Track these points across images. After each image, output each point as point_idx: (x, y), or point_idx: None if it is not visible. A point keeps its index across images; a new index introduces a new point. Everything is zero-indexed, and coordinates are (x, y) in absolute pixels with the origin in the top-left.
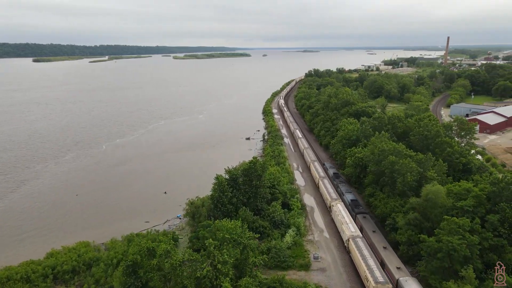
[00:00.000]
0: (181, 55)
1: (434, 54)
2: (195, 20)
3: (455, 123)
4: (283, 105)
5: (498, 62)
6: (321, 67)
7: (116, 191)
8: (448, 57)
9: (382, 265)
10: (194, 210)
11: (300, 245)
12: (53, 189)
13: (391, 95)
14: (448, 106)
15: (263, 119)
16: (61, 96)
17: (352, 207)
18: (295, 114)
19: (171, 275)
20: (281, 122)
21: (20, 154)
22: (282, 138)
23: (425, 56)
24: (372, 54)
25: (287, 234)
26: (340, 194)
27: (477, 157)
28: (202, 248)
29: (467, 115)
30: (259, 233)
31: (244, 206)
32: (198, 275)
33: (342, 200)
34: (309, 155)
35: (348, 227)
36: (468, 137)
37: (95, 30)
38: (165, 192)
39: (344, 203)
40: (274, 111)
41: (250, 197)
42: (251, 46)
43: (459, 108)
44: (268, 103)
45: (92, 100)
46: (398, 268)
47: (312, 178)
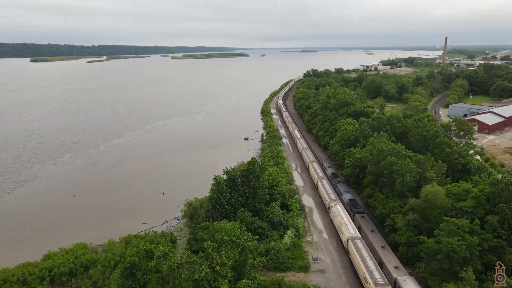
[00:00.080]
0: (179, 55)
1: (432, 54)
2: (195, 20)
3: (453, 123)
4: (282, 105)
5: (496, 62)
6: (320, 67)
7: (114, 192)
8: (446, 57)
9: (380, 264)
10: (192, 211)
11: (299, 246)
12: (50, 190)
13: (390, 95)
14: (447, 106)
15: (261, 119)
16: (58, 96)
17: (350, 207)
18: (294, 114)
19: (169, 277)
20: (280, 123)
21: (17, 155)
22: (281, 138)
23: (423, 56)
24: (370, 54)
25: (286, 235)
26: (339, 194)
27: (476, 158)
28: (200, 250)
29: (465, 115)
30: (257, 234)
31: (242, 207)
32: (197, 277)
33: (340, 200)
34: (308, 155)
35: (347, 228)
36: (467, 137)
37: (95, 30)
38: (163, 193)
39: (342, 202)
40: (273, 111)
41: (248, 198)
42: (249, 46)
43: (458, 108)
44: (267, 103)
45: (90, 100)
46: (396, 267)
47: (311, 178)
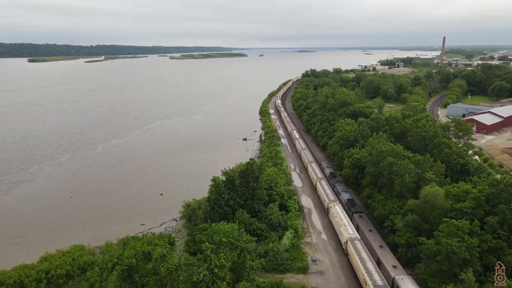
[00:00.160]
0: (178, 55)
1: (430, 54)
2: (194, 20)
3: (452, 123)
4: (280, 106)
5: (493, 62)
6: (318, 67)
7: (111, 192)
8: (444, 57)
9: (379, 263)
10: (191, 213)
11: (298, 248)
12: (48, 191)
13: (388, 95)
14: (445, 106)
15: (260, 119)
16: (56, 97)
17: (349, 207)
18: (292, 115)
19: (167, 279)
20: (278, 123)
21: (14, 156)
22: (279, 138)
23: (421, 56)
24: (368, 54)
25: (284, 236)
26: (337, 194)
27: (475, 158)
28: (198, 251)
29: (463, 115)
30: (256, 235)
31: (241, 208)
32: (195, 279)
33: (338, 200)
34: (307, 156)
35: (346, 229)
36: (465, 137)
37: (95, 30)
38: (161, 194)
39: (340, 202)
40: (271, 111)
41: (247, 199)
42: (248, 46)
43: (456, 108)
44: (265, 104)
45: (88, 101)
46: (394, 266)
47: (309, 179)
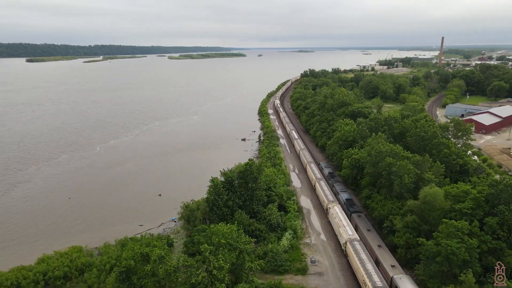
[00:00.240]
0: (176, 55)
1: (429, 54)
2: (194, 20)
3: (451, 124)
4: (279, 106)
5: (492, 62)
6: (317, 67)
7: (110, 193)
8: (443, 57)
9: (377, 263)
10: (189, 214)
11: (297, 249)
12: (46, 191)
13: (387, 95)
14: (444, 106)
15: (258, 119)
16: (54, 97)
17: (347, 206)
18: (291, 115)
19: (165, 281)
20: (277, 123)
21: (12, 156)
22: (278, 139)
23: (419, 56)
24: (367, 54)
25: (283, 237)
26: (335, 194)
27: (474, 158)
28: (197, 253)
29: (462, 115)
30: (255, 236)
31: (240, 209)
32: (193, 281)
33: (337, 199)
34: (306, 156)
35: (346, 230)
36: (464, 138)
37: (94, 30)
38: (160, 195)
39: (339, 202)
40: (270, 111)
41: (246, 199)
42: (246, 46)
43: (455, 109)
44: (264, 104)
45: (86, 101)
46: (392, 266)
47: (308, 179)
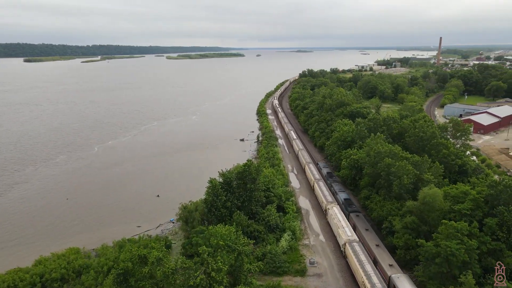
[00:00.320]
0: (175, 55)
1: (427, 54)
2: (192, 20)
3: (450, 124)
4: (277, 106)
5: (490, 62)
6: (315, 67)
7: (107, 194)
8: (441, 57)
9: (375, 262)
10: (187, 215)
11: (295, 250)
12: (43, 192)
13: (385, 95)
14: (442, 107)
15: (257, 120)
16: (52, 97)
17: (346, 206)
18: (290, 115)
19: (163, 283)
20: (275, 123)
21: (9, 157)
22: (277, 139)
23: (417, 56)
24: (365, 54)
25: (282, 238)
26: (334, 193)
27: (472, 158)
28: (195, 254)
29: (460, 115)
30: (254, 237)
31: (238, 210)
32: (192, 283)
33: (335, 199)
34: (304, 156)
35: (345, 231)
36: (463, 138)
37: (92, 30)
38: (158, 195)
39: (337, 202)
40: (268, 111)
41: (244, 200)
42: (245, 46)
43: (453, 109)
44: (262, 104)
45: (84, 101)
46: (390, 265)
47: (307, 180)
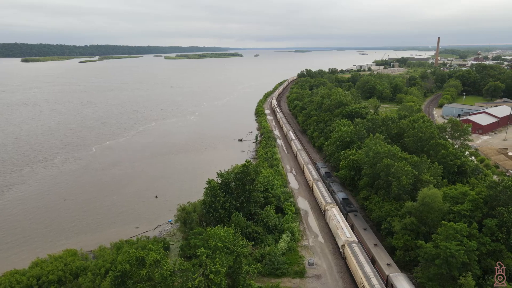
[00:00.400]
0: (173, 55)
1: (425, 55)
2: (190, 20)
3: (449, 124)
4: (276, 106)
5: (488, 62)
6: (313, 68)
7: (105, 195)
8: (439, 58)
9: (373, 261)
10: (186, 216)
11: (294, 251)
12: (40, 194)
13: (384, 95)
14: (440, 107)
15: (255, 120)
16: (49, 97)
17: (344, 206)
18: (288, 115)
19: (161, 285)
20: (274, 123)
21: (6, 157)
22: (275, 139)
23: (416, 57)
24: (363, 54)
25: (281, 239)
26: (332, 193)
27: (471, 159)
28: (193, 256)
29: (459, 115)
30: (252, 239)
31: (237, 211)
32: (190, 285)
33: (333, 199)
34: (303, 157)
35: (344, 232)
36: (462, 138)
37: (90, 30)
38: (156, 196)
39: (335, 201)
40: (267, 112)
41: (243, 201)
42: (243, 46)
43: (451, 109)
44: (261, 104)
45: (82, 101)
46: (388, 264)
47: (306, 180)
